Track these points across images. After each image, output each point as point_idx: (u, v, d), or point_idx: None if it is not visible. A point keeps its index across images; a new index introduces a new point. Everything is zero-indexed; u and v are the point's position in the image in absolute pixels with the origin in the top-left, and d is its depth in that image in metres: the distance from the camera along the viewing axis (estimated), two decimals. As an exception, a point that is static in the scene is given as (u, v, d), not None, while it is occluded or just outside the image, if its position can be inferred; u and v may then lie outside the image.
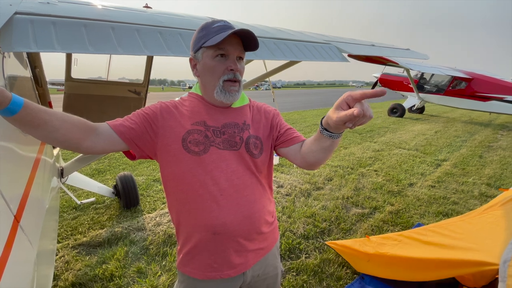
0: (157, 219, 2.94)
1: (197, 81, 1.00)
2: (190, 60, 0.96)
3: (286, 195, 3.63)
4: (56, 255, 2.31)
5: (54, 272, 1.97)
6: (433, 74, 11.02)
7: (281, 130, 1.02)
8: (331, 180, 4.22)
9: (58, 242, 2.50)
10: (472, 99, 9.97)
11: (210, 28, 0.88)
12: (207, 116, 0.94)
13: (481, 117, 12.14)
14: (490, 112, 10.18)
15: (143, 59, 2.62)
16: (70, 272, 2.13)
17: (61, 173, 2.55)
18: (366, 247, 2.02)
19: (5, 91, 0.62)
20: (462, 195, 3.78)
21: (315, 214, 3.11)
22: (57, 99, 2.57)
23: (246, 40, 0.89)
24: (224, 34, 0.83)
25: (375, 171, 4.70)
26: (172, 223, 2.83)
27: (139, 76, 2.71)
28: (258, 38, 0.88)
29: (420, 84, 11.51)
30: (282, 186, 3.88)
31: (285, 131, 1.02)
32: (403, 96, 12.85)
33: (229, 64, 0.88)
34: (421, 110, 12.75)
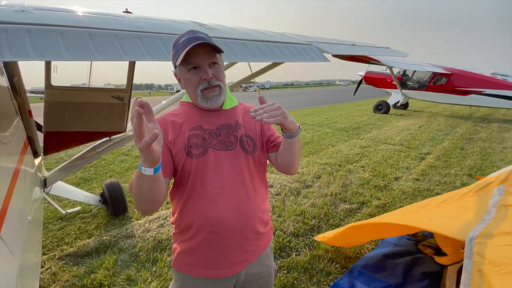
0: (146, 225, 2.91)
1: None
2: (175, 75, 1.02)
3: (276, 194, 3.67)
4: (42, 267, 2.25)
5: (40, 285, 1.91)
6: (415, 71, 11.37)
7: (274, 133, 1.08)
8: (319, 178, 4.28)
9: (44, 253, 2.44)
10: (452, 94, 10.34)
11: (178, 44, 0.92)
12: (201, 120, 0.99)
13: (462, 111, 12.60)
14: (470, 106, 10.59)
15: (125, 64, 2.59)
16: (57, 284, 2.09)
17: (45, 183, 2.49)
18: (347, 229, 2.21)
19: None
20: (445, 187, 3.92)
21: (304, 212, 3.15)
22: (39, 108, 2.50)
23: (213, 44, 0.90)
24: (185, 50, 0.86)
25: (362, 167, 4.81)
26: (168, 224, 2.82)
27: (122, 81, 2.68)
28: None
29: (403, 81, 11.84)
30: (272, 186, 3.91)
31: (277, 137, 1.08)
32: (387, 93, 13.18)
33: (201, 75, 0.93)
34: (405, 106, 13.10)
